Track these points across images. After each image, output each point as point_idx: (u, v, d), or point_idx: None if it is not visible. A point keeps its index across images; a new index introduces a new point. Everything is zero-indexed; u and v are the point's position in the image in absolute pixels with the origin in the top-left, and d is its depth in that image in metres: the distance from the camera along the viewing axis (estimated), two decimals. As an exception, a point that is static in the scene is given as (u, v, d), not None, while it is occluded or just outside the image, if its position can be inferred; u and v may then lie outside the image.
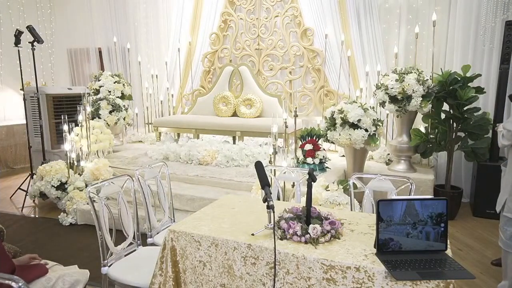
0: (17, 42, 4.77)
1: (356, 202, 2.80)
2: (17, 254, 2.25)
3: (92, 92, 6.00)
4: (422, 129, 4.47)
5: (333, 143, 4.15)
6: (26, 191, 4.81)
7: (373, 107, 4.24)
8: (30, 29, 4.84)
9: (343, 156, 4.71)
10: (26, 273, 1.82)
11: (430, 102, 4.12)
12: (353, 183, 2.49)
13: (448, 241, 1.60)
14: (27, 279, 1.72)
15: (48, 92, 5.54)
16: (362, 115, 3.89)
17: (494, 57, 4.56)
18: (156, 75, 6.49)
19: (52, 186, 4.44)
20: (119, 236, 2.31)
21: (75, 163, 4.64)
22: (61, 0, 7.38)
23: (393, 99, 4.19)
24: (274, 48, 5.93)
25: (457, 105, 4.08)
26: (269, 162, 3.71)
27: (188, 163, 4.83)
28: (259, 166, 1.80)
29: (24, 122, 5.61)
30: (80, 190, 4.37)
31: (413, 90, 4.05)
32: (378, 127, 4.02)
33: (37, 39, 4.84)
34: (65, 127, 4.51)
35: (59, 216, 4.21)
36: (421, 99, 4.08)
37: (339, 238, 1.73)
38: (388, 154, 4.87)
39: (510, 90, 4.33)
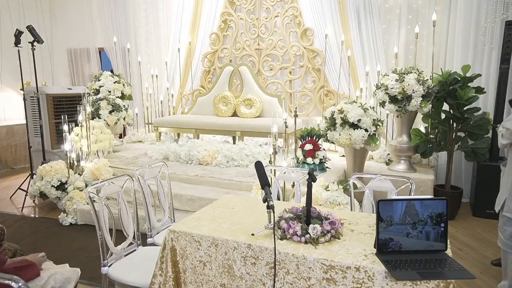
0: (17, 42, 4.77)
1: (356, 202, 2.79)
2: (18, 252, 2.25)
3: (92, 92, 6.01)
4: (422, 129, 4.47)
5: (333, 143, 4.15)
6: (26, 191, 4.81)
7: (373, 107, 4.24)
8: (30, 29, 4.84)
9: (343, 156, 4.71)
10: (22, 274, 1.81)
11: (430, 102, 4.12)
12: (353, 183, 2.48)
13: (448, 241, 1.60)
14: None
15: (48, 92, 5.54)
16: (362, 115, 3.89)
17: (494, 57, 4.56)
18: (156, 75, 6.49)
19: (52, 186, 4.44)
20: (119, 236, 2.31)
21: (75, 163, 4.64)
22: (61, 0, 7.38)
23: (393, 99, 4.19)
24: (274, 48, 5.93)
25: (457, 105, 4.08)
26: (269, 162, 3.71)
27: (188, 163, 4.83)
28: (259, 166, 1.80)
29: (24, 122, 5.61)
30: (80, 190, 4.37)
31: (413, 90, 4.05)
32: (378, 127, 4.02)
33: (37, 39, 4.83)
34: (65, 127, 4.50)
35: (59, 216, 4.21)
36: (421, 99, 4.08)
37: (339, 238, 1.73)
38: (388, 154, 4.86)
39: (510, 90, 4.33)
